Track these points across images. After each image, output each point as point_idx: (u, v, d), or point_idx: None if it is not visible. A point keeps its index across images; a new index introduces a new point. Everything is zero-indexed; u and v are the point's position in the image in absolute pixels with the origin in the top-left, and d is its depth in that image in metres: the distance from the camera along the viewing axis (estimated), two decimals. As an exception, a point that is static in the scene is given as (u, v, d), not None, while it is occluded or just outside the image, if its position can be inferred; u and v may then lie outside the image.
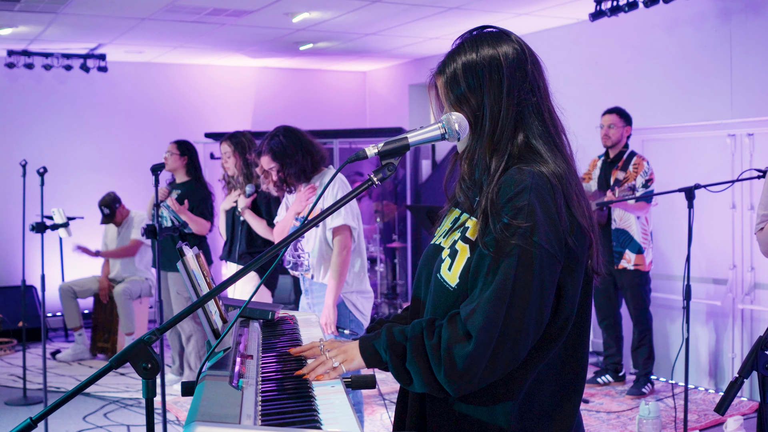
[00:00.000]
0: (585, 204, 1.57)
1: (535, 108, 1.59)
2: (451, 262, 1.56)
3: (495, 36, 1.62)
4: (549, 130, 1.59)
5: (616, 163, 5.23)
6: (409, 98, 8.98)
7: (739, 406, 4.90)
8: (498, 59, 1.57)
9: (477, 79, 1.57)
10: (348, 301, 3.69)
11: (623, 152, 5.23)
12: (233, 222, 4.91)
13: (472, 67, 1.58)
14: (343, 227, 3.58)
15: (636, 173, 5.09)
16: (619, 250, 5.17)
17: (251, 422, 1.31)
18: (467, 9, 6.03)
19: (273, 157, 3.70)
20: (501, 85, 1.56)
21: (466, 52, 1.60)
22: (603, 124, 5.25)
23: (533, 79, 1.59)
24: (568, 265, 1.51)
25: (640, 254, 5.13)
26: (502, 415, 1.54)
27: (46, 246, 5.22)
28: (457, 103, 1.60)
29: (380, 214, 7.91)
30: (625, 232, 5.16)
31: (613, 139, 5.21)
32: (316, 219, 1.46)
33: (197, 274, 1.76)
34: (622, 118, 5.22)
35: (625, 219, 5.15)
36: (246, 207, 4.72)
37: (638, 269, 5.15)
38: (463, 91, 1.58)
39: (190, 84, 8.70)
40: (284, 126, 3.82)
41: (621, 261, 5.17)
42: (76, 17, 6.14)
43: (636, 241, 5.13)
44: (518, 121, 1.57)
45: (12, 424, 4.80)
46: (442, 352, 1.47)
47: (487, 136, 1.57)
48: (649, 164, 5.12)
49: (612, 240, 5.19)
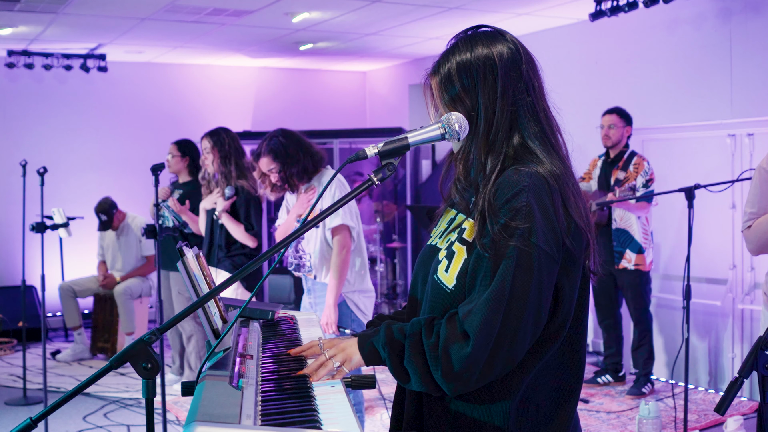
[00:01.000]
0: (582, 204, 1.57)
1: (531, 108, 1.58)
2: (448, 263, 1.56)
3: (490, 35, 1.61)
4: (545, 130, 1.59)
5: (616, 163, 5.23)
6: (409, 98, 8.98)
7: (739, 406, 4.90)
8: (492, 59, 1.57)
9: (471, 79, 1.57)
10: (350, 301, 3.69)
11: (624, 152, 5.24)
12: (212, 224, 4.75)
13: (467, 67, 1.58)
14: (341, 227, 3.59)
15: (636, 173, 5.09)
16: (620, 250, 5.17)
17: (251, 422, 1.31)
18: (467, 9, 6.03)
19: (274, 157, 3.71)
20: (495, 85, 1.56)
21: (460, 52, 1.60)
22: (603, 124, 5.26)
23: (528, 78, 1.59)
24: (566, 266, 1.51)
25: (641, 254, 5.13)
26: (499, 415, 1.53)
27: (46, 246, 5.22)
28: (452, 104, 1.59)
29: (380, 214, 7.91)
30: (625, 232, 5.16)
31: (613, 139, 5.22)
32: (314, 220, 1.46)
33: (197, 274, 1.76)
34: (623, 119, 5.23)
35: (626, 219, 5.15)
36: (224, 210, 4.57)
37: (639, 269, 5.15)
38: (457, 92, 1.58)
39: (190, 84, 8.70)
40: (281, 128, 3.83)
41: (621, 261, 5.17)
42: (76, 17, 6.14)
43: (636, 241, 5.13)
44: (513, 121, 1.57)
45: (12, 424, 4.80)
46: (440, 352, 1.47)
47: (482, 137, 1.56)
48: (650, 164, 5.13)
49: (612, 240, 5.19)
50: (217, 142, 4.71)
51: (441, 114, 1.62)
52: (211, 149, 4.71)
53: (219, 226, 4.67)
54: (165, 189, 5.26)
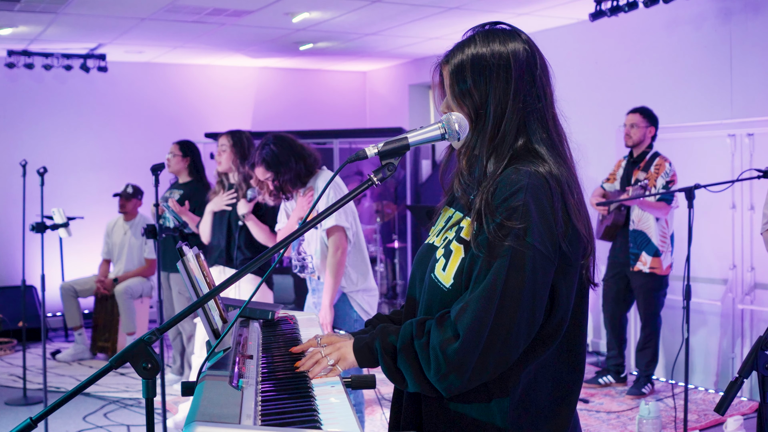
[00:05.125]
0: (584, 212, 1.56)
1: (540, 114, 1.57)
2: (446, 262, 1.56)
3: (507, 34, 1.60)
4: (552, 137, 1.57)
5: (638, 163, 5.16)
6: (409, 98, 8.98)
7: (739, 406, 4.90)
8: (507, 58, 1.55)
9: (483, 76, 1.55)
10: (353, 300, 3.70)
11: (646, 152, 5.15)
12: (229, 226, 4.62)
13: (480, 61, 1.56)
14: (336, 228, 3.60)
15: (657, 174, 5.01)
16: (636, 251, 5.09)
17: (251, 422, 1.31)
18: (467, 9, 6.03)
19: (267, 167, 3.71)
20: (507, 86, 1.55)
21: (476, 45, 1.58)
22: (626, 123, 5.18)
23: (540, 84, 1.58)
24: (562, 268, 1.50)
25: (657, 257, 5.03)
26: (498, 414, 1.53)
27: (46, 246, 5.21)
28: (461, 96, 1.57)
29: (380, 214, 7.91)
30: (642, 234, 5.07)
31: (634, 139, 5.14)
32: (311, 222, 1.46)
33: (197, 274, 1.76)
34: (646, 118, 5.14)
35: (644, 220, 5.06)
36: (249, 212, 4.42)
37: (654, 272, 5.06)
38: (468, 86, 1.56)
39: (190, 84, 8.70)
40: (273, 134, 3.81)
41: (636, 263, 5.10)
42: (76, 17, 6.14)
43: (653, 243, 5.03)
44: (521, 125, 1.56)
45: (12, 424, 4.80)
46: (431, 351, 1.47)
47: (489, 136, 1.55)
48: (672, 165, 5.03)
49: (629, 241, 5.14)
50: (237, 141, 4.61)
51: (447, 103, 1.61)
52: (230, 147, 4.60)
53: (239, 228, 4.51)
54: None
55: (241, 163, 4.58)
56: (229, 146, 4.62)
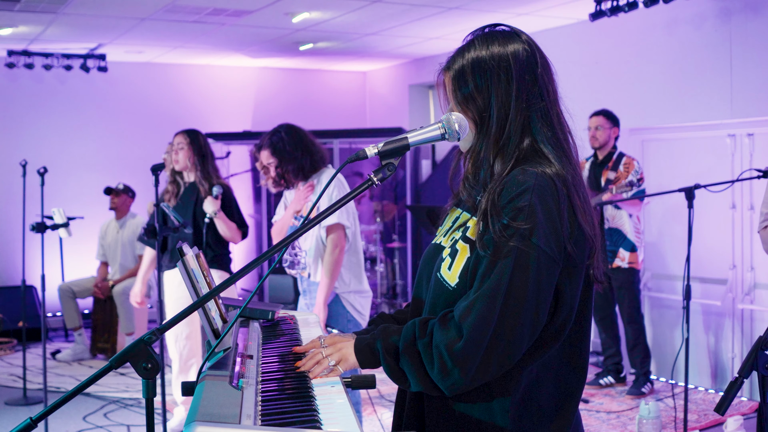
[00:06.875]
0: (589, 211, 1.56)
1: (544, 113, 1.57)
2: (452, 261, 1.56)
3: (506, 35, 1.60)
4: (557, 135, 1.57)
5: (605, 164, 5.26)
6: (409, 98, 8.98)
7: (739, 406, 4.90)
8: (507, 60, 1.56)
9: (485, 79, 1.56)
10: (345, 301, 3.68)
11: (612, 153, 5.27)
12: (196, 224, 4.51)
13: (481, 65, 1.56)
14: (336, 226, 3.58)
15: (627, 173, 5.13)
16: (613, 248, 5.20)
17: (251, 422, 1.31)
18: (467, 9, 6.03)
19: (272, 152, 3.72)
20: (509, 87, 1.55)
21: (475, 49, 1.58)
22: (590, 125, 5.30)
23: (543, 83, 1.58)
24: (567, 269, 1.50)
25: (634, 252, 5.17)
26: (499, 413, 1.53)
27: (46, 246, 5.21)
28: (464, 102, 1.58)
29: (380, 214, 7.91)
30: (618, 231, 5.18)
31: (600, 141, 5.25)
32: (314, 220, 1.46)
33: (197, 274, 1.76)
34: (609, 120, 5.26)
35: (618, 218, 5.18)
36: (218, 209, 4.38)
37: (632, 267, 5.19)
38: (470, 90, 1.57)
39: (190, 84, 8.70)
40: (287, 124, 3.83)
41: (615, 260, 5.19)
42: (76, 17, 6.14)
43: (629, 239, 5.16)
44: (526, 125, 1.56)
45: (12, 424, 4.80)
46: (434, 350, 1.47)
47: (493, 139, 1.56)
48: (639, 163, 5.17)
49: (605, 239, 5.21)
50: (194, 140, 4.54)
51: (451, 109, 1.61)
52: (188, 145, 4.52)
53: (206, 225, 4.46)
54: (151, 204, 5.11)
55: (199, 162, 4.52)
56: (186, 144, 4.54)
